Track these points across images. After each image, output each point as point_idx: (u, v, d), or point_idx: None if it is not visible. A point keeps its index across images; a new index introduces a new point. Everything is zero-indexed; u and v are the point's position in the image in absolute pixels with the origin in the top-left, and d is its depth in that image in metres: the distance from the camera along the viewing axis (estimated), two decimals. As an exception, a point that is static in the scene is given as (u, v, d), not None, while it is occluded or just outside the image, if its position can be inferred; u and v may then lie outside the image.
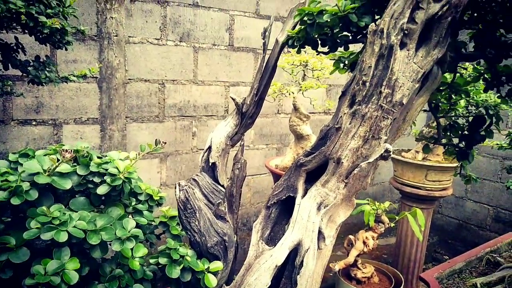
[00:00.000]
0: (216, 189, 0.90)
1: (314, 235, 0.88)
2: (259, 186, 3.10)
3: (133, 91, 2.44)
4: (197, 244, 0.83)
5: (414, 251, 2.79)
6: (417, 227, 1.96)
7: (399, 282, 2.44)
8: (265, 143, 3.09)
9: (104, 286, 0.67)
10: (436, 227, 3.85)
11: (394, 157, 2.66)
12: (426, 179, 2.61)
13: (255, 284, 0.83)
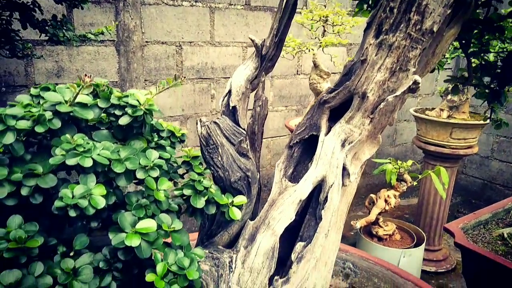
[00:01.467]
0: (238, 131, 0.89)
1: (339, 171, 0.86)
2: (279, 148, 3.09)
3: (150, 53, 2.42)
4: (220, 180, 0.83)
5: (437, 209, 2.76)
6: (440, 186, 1.92)
7: (421, 240, 2.42)
8: (284, 105, 3.05)
9: (131, 213, 0.68)
10: (459, 187, 3.78)
11: (417, 116, 2.59)
12: (451, 137, 2.54)
13: (280, 217, 0.83)
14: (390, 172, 2.17)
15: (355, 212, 3.24)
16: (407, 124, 3.74)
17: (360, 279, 1.21)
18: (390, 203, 2.35)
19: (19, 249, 0.59)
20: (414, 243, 2.36)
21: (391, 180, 2.18)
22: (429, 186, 2.71)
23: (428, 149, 2.62)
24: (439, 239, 2.83)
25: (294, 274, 0.81)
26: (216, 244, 0.86)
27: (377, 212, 2.36)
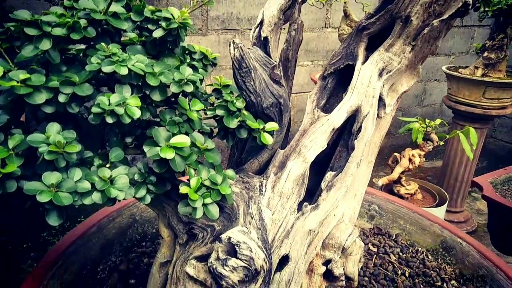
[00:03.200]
0: (269, 62, 0.85)
1: (375, 101, 0.83)
2: (303, 105, 3.04)
3: (175, 1, 2.36)
4: (252, 105, 0.81)
5: (462, 171, 2.70)
6: (468, 146, 1.86)
7: (443, 200, 2.39)
8: (310, 59, 2.97)
9: (165, 129, 0.68)
10: (487, 152, 3.68)
11: (450, 73, 2.48)
12: (483, 96, 2.44)
13: (311, 145, 0.82)
14: (416, 131, 2.11)
15: (377, 172, 3.21)
16: (437, 84, 3.60)
17: (385, 221, 1.21)
18: (414, 162, 2.31)
19: (59, 153, 0.60)
20: (436, 203, 2.33)
21: (417, 139, 2.12)
22: (456, 147, 2.64)
23: (458, 109, 2.53)
24: (462, 201, 2.79)
25: (323, 201, 0.81)
26: (246, 171, 0.86)
27: (400, 171, 2.33)
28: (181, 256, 0.77)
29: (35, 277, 0.80)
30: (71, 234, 0.93)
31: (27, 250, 2.03)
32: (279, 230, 0.78)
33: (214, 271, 0.67)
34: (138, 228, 1.07)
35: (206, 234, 0.76)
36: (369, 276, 1.02)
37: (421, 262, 1.07)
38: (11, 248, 2.04)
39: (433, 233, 1.12)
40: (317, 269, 0.84)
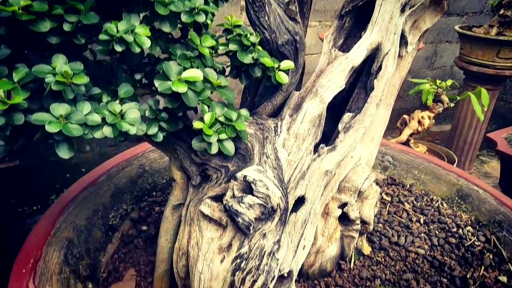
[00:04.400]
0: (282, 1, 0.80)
1: (396, 37, 0.79)
2: (310, 67, 2.96)
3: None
4: (266, 43, 0.77)
5: (472, 133, 2.66)
6: (479, 107, 1.81)
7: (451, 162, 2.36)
8: (318, 20, 2.86)
9: (177, 63, 0.65)
10: (497, 115, 3.61)
11: (462, 33, 2.39)
12: (497, 56, 2.35)
13: (328, 85, 0.78)
14: (427, 92, 2.05)
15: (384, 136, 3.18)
16: (448, 45, 3.49)
17: (399, 171, 1.18)
18: (423, 124, 2.26)
19: (66, 84, 0.57)
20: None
21: (427, 100, 2.07)
22: (466, 109, 2.58)
23: (470, 70, 2.45)
24: (470, 163, 2.77)
25: (340, 143, 0.78)
26: (259, 114, 0.83)
27: (408, 133, 2.29)
28: (195, 198, 0.75)
29: (48, 220, 0.79)
30: (81, 182, 0.92)
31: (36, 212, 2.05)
32: (295, 172, 0.76)
33: (230, 209, 0.66)
34: (148, 178, 1.06)
35: (220, 175, 0.74)
36: (383, 223, 1.01)
37: (436, 210, 1.06)
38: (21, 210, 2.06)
39: (449, 182, 1.10)
40: (332, 212, 0.83)
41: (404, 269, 0.88)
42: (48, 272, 0.71)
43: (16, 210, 2.03)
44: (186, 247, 0.74)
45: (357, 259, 0.90)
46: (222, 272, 0.68)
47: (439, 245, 0.95)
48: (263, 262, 0.67)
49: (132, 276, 0.83)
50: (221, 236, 0.70)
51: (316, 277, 0.86)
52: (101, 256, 0.85)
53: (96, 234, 0.86)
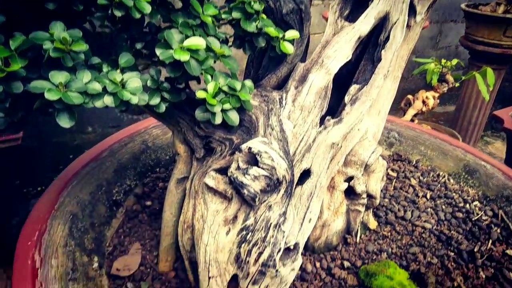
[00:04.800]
0: None
1: (405, 6, 0.76)
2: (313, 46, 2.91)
3: None
4: (270, 11, 0.75)
5: (476, 114, 2.63)
6: (484, 87, 1.77)
7: (456, 142, 2.34)
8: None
9: (178, 31, 0.63)
10: (502, 96, 3.56)
11: (468, 11, 2.33)
12: (504, 35, 2.30)
13: (335, 56, 0.76)
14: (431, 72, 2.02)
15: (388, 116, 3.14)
16: (453, 25, 3.42)
17: (405, 147, 1.17)
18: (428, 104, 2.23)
19: (65, 52, 0.55)
20: (448, 144, 2.28)
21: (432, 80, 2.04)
22: (471, 89, 2.54)
23: (476, 49, 2.40)
24: (474, 144, 2.74)
25: (347, 115, 0.76)
26: (263, 86, 0.81)
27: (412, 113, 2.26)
28: (199, 171, 0.74)
29: (51, 194, 0.79)
30: (84, 157, 0.91)
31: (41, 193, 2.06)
32: (300, 144, 0.74)
33: (235, 180, 0.65)
34: (151, 154, 1.05)
35: (225, 148, 0.73)
36: (389, 198, 1.00)
37: (442, 185, 1.05)
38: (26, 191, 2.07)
39: (456, 157, 1.09)
40: (338, 185, 0.82)
41: (410, 243, 0.88)
42: (53, 245, 0.70)
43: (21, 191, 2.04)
44: (191, 220, 0.73)
45: (363, 233, 0.90)
46: (227, 244, 0.68)
47: (446, 220, 0.94)
48: (269, 234, 0.67)
49: (138, 250, 0.83)
50: (226, 208, 0.69)
51: (322, 251, 0.86)
52: (106, 230, 0.85)
53: (100, 209, 0.86)
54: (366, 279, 0.78)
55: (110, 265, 0.79)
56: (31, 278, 0.61)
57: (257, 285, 0.67)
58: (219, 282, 0.69)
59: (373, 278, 0.77)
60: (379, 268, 0.78)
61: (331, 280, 0.79)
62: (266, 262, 0.66)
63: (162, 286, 0.77)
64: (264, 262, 0.66)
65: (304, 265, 0.82)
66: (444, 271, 0.81)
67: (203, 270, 0.69)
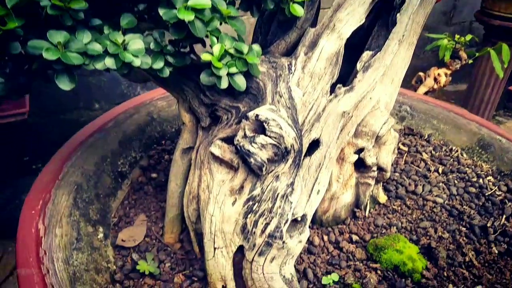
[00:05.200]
0: None
1: (422, -34, 0.71)
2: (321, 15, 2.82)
3: None
4: (279, -27, 0.71)
5: (489, 92, 2.56)
6: (499, 64, 1.71)
7: (468, 119, 2.28)
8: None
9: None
10: (517, 74, 3.47)
11: (485, -17, 2.24)
12: (522, 9, 2.21)
13: (347, 19, 0.72)
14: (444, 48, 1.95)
15: (397, 95, 3.08)
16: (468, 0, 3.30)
17: (417, 121, 1.13)
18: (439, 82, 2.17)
19: (63, 9, 0.52)
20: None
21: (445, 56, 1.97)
22: (485, 66, 2.46)
23: (491, 24, 2.31)
24: (487, 121, 2.68)
25: (359, 82, 0.73)
26: (272, 53, 0.78)
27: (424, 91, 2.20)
28: (205, 140, 0.72)
29: (55, 164, 0.77)
30: (89, 127, 0.90)
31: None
32: (310, 113, 0.71)
33: (241, 149, 0.62)
34: (156, 126, 1.03)
35: (231, 116, 0.70)
36: (400, 172, 0.97)
37: (455, 160, 1.02)
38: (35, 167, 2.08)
39: (470, 131, 1.05)
40: (348, 157, 0.79)
41: (421, 218, 0.85)
42: (57, 215, 0.69)
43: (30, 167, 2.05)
44: (197, 191, 0.72)
45: (372, 207, 0.88)
46: (234, 214, 0.66)
47: (458, 195, 0.92)
48: (276, 205, 0.65)
49: (143, 221, 0.82)
50: (233, 178, 0.67)
51: (329, 224, 0.84)
52: (111, 201, 0.84)
53: (105, 180, 0.84)
54: (375, 253, 0.76)
55: (115, 236, 0.78)
56: (35, 246, 0.61)
57: (263, 257, 0.66)
58: (224, 253, 0.67)
59: (382, 252, 0.75)
60: (388, 242, 0.77)
61: (339, 253, 0.78)
62: (273, 233, 0.65)
63: (167, 257, 0.76)
64: (270, 233, 0.65)
65: (311, 238, 0.81)
66: (455, 246, 0.79)
67: (209, 241, 0.67)
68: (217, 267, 0.68)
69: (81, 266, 0.64)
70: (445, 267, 0.74)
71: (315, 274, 0.73)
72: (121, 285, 0.69)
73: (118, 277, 0.70)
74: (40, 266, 0.57)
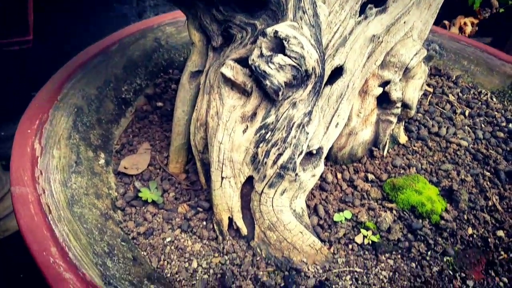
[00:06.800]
0: None
1: None
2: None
3: None
4: None
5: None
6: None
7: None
8: None
9: None
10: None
11: None
12: None
13: None
14: (475, -7, 1.78)
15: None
16: None
17: (445, 62, 1.04)
18: (465, 31, 2.02)
19: None
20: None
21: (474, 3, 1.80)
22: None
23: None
24: None
25: (393, 3, 0.64)
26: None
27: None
28: (215, 63, 0.66)
29: (54, 85, 0.72)
30: (91, 48, 0.83)
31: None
32: (335, 36, 0.64)
33: (256, 70, 0.55)
34: (164, 54, 0.95)
35: (246, 35, 0.63)
36: (423, 113, 0.90)
37: (483, 103, 0.94)
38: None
39: (503, 73, 0.96)
40: (372, 90, 0.73)
41: (443, 160, 0.80)
42: (55, 136, 0.65)
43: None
44: (205, 118, 0.66)
45: (391, 147, 0.82)
46: (244, 143, 0.61)
47: (484, 139, 0.85)
48: (291, 135, 0.59)
49: (147, 149, 0.78)
50: (245, 104, 0.61)
51: (345, 162, 0.79)
52: (113, 128, 0.79)
53: (108, 106, 0.79)
54: (392, 193, 0.72)
55: (118, 163, 0.74)
56: (31, 165, 0.57)
57: (274, 189, 0.62)
58: (232, 184, 0.63)
59: (399, 191, 0.71)
60: (407, 182, 0.72)
61: (353, 192, 0.74)
62: (286, 164, 0.60)
63: (172, 187, 0.73)
64: (283, 164, 0.60)
65: (324, 175, 0.76)
66: (478, 190, 0.74)
67: (216, 170, 0.63)
68: (224, 198, 0.64)
69: (80, 190, 0.61)
70: (465, 210, 0.69)
71: (327, 210, 0.70)
72: (122, 211, 0.66)
73: (120, 204, 0.67)
74: (35, 186, 0.53)
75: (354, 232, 0.66)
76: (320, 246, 0.63)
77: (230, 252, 0.63)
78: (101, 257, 0.49)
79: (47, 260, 0.43)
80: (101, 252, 0.50)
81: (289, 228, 0.62)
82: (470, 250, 0.64)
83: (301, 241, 0.62)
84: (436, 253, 0.63)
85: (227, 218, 0.65)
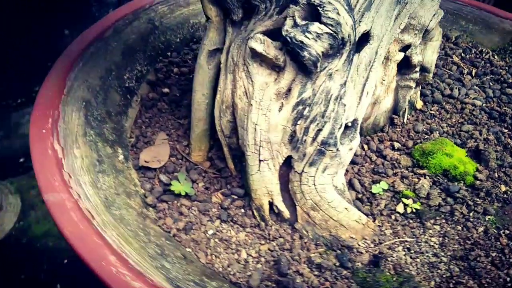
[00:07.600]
0: None
1: None
2: None
3: None
4: None
5: None
6: None
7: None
8: None
9: None
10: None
11: None
12: None
13: None
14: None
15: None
16: None
17: (443, 23, 1.03)
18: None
19: None
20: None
21: None
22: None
23: None
24: None
25: (415, -38, 0.62)
26: None
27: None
28: (237, 38, 0.61)
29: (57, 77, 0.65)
30: (86, 35, 0.75)
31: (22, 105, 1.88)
32: (359, 1, 0.61)
33: (292, 40, 0.52)
34: (160, 36, 0.89)
35: (270, 5, 0.58)
36: (433, 75, 0.90)
37: (487, 62, 0.95)
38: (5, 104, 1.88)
39: (502, 30, 0.98)
40: (394, 55, 0.71)
41: (461, 121, 0.80)
42: (71, 134, 0.59)
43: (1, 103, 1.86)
44: (231, 99, 0.62)
45: (409, 113, 0.82)
46: (281, 121, 0.58)
47: (495, 97, 0.87)
48: (329, 108, 0.57)
49: (164, 140, 0.73)
50: (277, 80, 0.57)
51: (368, 133, 0.78)
52: (123, 120, 0.73)
53: (114, 97, 0.73)
54: (422, 159, 0.72)
55: (136, 158, 0.69)
56: (57, 169, 0.51)
57: (315, 167, 0.59)
58: (271, 166, 0.60)
59: (430, 156, 0.71)
60: (436, 146, 0.72)
61: (383, 162, 0.73)
62: (326, 140, 0.57)
63: (199, 176, 0.68)
64: (324, 140, 0.57)
65: (351, 148, 0.75)
66: (502, 147, 0.75)
67: (253, 153, 0.60)
68: (263, 182, 0.61)
69: (110, 190, 0.56)
70: (495, 168, 0.70)
71: (362, 184, 0.68)
72: (154, 208, 0.62)
73: (150, 200, 0.62)
74: (69, 191, 0.48)
75: (394, 202, 0.65)
76: (366, 220, 0.62)
77: (277, 237, 0.61)
78: (157, 259, 0.45)
79: (109, 270, 0.39)
80: (155, 255, 0.46)
81: (333, 205, 0.60)
82: (507, 207, 0.65)
83: (347, 218, 0.61)
84: (478, 214, 0.64)
85: (267, 203, 0.62)
